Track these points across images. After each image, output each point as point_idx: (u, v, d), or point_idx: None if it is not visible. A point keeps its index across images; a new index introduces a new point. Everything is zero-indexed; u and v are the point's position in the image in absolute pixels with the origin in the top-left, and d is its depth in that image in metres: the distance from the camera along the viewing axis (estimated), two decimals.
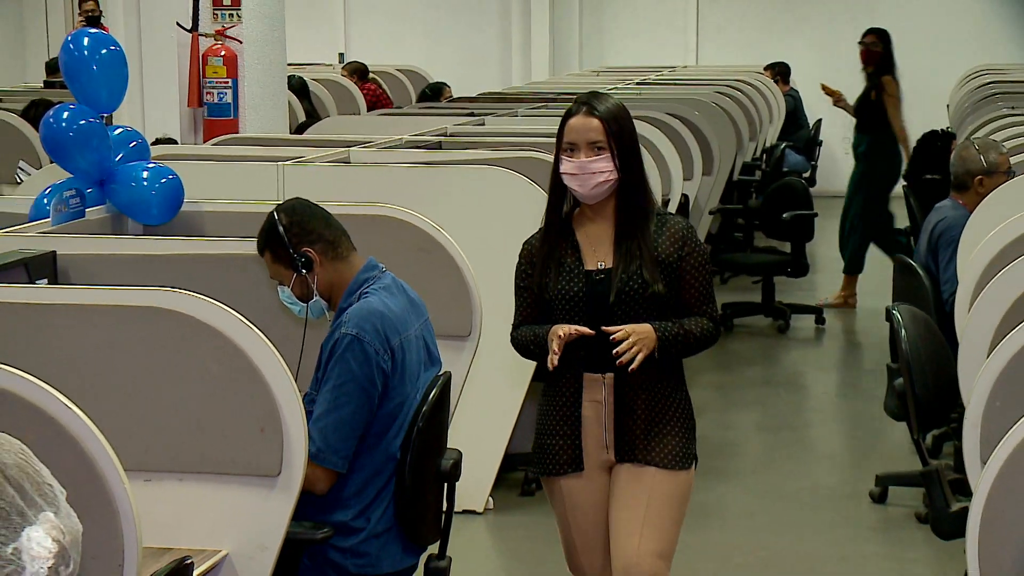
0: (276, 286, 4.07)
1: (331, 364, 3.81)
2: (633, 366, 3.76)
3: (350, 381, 3.79)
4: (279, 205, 4.12)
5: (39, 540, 2.32)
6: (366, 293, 3.98)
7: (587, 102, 3.87)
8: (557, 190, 3.92)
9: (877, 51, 10.18)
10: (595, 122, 3.83)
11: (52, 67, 12.50)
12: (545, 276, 3.88)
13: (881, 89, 10.07)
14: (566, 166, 3.84)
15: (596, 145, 3.82)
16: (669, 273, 3.86)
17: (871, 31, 10.44)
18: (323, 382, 3.87)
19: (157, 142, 6.72)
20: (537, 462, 4.03)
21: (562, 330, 3.78)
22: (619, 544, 3.89)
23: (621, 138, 3.85)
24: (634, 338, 3.76)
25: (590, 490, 3.96)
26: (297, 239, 4.00)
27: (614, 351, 3.76)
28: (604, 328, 3.78)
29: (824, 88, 11.01)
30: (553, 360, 3.77)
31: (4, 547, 2.32)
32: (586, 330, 3.78)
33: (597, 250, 3.90)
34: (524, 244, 4.01)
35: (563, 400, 3.94)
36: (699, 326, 3.88)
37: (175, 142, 8.21)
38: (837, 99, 10.87)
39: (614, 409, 3.88)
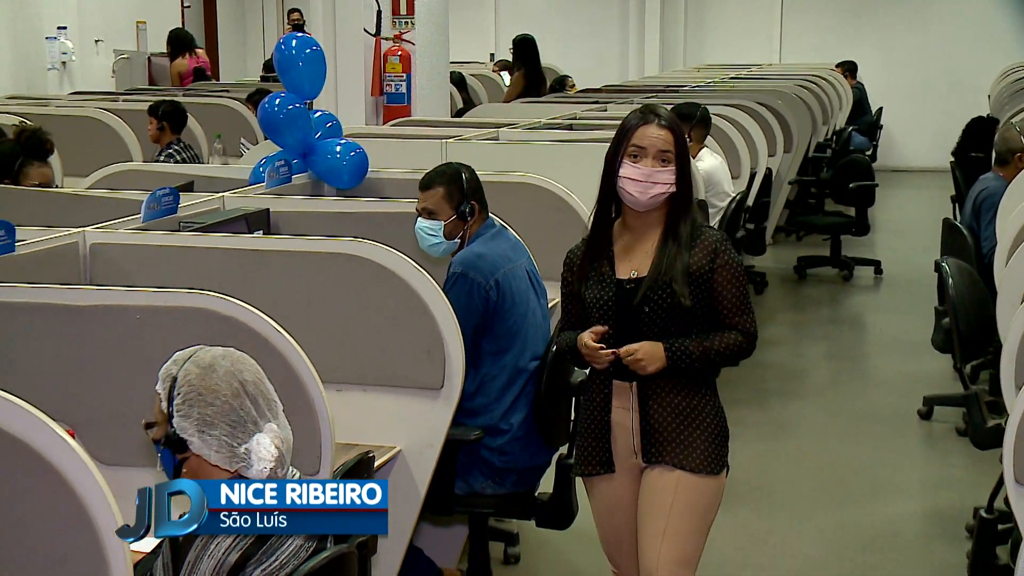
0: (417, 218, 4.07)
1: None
2: (641, 372, 3.14)
3: (455, 308, 3.71)
4: (458, 163, 4.14)
5: (265, 445, 2.36)
6: (474, 241, 4.01)
7: (657, 113, 3.18)
8: (608, 197, 3.21)
9: (513, 53, 10.55)
10: (666, 133, 3.13)
11: (267, 66, 12.65)
12: (582, 283, 3.23)
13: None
14: (630, 171, 3.12)
15: (664, 156, 3.12)
16: (701, 285, 3.15)
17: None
18: None
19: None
20: (575, 462, 3.40)
21: (586, 337, 3.17)
22: (643, 550, 3.25)
23: (682, 152, 3.16)
24: (640, 354, 3.10)
25: (620, 492, 3.28)
26: (471, 192, 4.03)
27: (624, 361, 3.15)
28: (618, 351, 3.13)
29: None
30: (606, 359, 3.15)
31: (239, 447, 2.36)
32: (600, 329, 3.15)
33: (632, 259, 3.20)
34: (568, 253, 3.33)
35: (595, 405, 3.28)
36: (724, 341, 3.16)
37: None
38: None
39: (639, 414, 3.21)
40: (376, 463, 3.39)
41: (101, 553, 2.20)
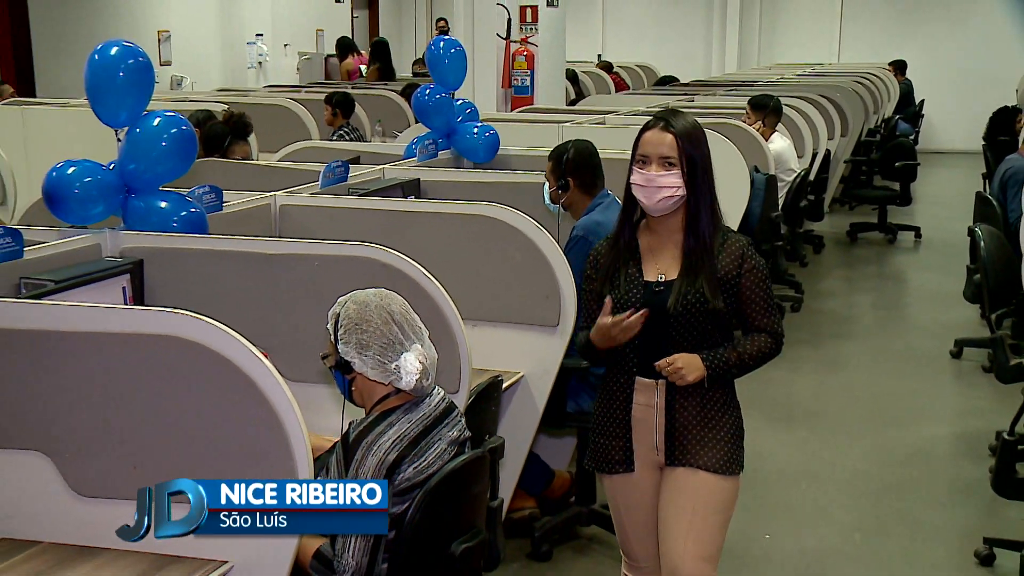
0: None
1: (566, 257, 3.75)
2: (680, 383, 2.64)
3: (575, 264, 3.64)
4: (577, 141, 4.07)
5: (411, 361, 2.37)
6: (593, 210, 3.94)
7: (664, 118, 2.66)
8: (630, 200, 2.70)
9: (371, 52, 10.42)
10: (669, 138, 2.61)
11: (419, 63, 12.68)
12: (607, 283, 2.71)
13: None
14: (636, 177, 2.64)
15: (667, 160, 2.61)
16: (729, 289, 2.64)
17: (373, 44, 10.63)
18: None
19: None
20: (592, 459, 2.82)
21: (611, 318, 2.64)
22: (666, 547, 2.71)
23: (692, 156, 2.61)
24: (680, 362, 2.62)
25: (641, 489, 2.75)
26: (569, 169, 3.97)
27: (663, 372, 2.65)
28: (655, 364, 2.65)
29: None
30: (636, 322, 2.62)
31: (390, 364, 2.38)
32: (636, 319, 2.62)
33: (658, 262, 2.68)
34: (591, 250, 2.80)
35: (616, 403, 2.73)
36: (756, 345, 2.66)
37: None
38: None
39: (665, 414, 2.68)
40: (504, 385, 3.39)
41: (288, 450, 2.23)
